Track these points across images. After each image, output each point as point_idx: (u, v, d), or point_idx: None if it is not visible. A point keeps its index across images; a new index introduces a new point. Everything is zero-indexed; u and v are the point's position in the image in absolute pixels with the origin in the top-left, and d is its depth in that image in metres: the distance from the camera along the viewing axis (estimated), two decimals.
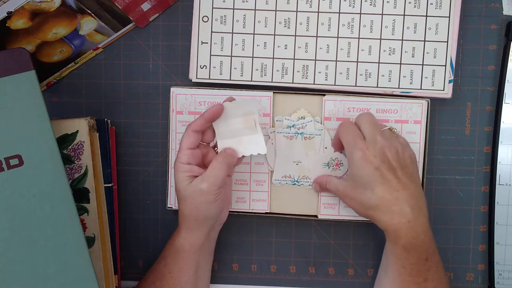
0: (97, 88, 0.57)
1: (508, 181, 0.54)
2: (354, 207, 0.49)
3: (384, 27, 0.53)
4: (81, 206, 0.50)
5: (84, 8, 0.53)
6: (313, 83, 0.54)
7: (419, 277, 0.47)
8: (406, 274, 0.47)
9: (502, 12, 0.54)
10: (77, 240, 0.43)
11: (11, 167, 0.43)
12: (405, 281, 0.48)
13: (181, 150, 0.48)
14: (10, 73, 0.45)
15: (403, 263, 0.47)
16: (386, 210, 0.46)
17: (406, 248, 0.47)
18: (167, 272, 0.50)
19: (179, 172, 0.47)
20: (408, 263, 0.47)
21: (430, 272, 0.48)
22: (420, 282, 0.47)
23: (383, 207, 0.46)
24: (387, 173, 0.46)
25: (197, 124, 0.48)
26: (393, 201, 0.46)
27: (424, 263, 0.47)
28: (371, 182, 0.46)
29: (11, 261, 0.42)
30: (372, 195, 0.46)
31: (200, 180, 0.47)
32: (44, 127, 0.44)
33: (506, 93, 0.54)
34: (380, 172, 0.46)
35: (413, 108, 0.53)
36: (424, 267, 0.47)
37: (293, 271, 0.57)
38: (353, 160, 0.47)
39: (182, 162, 0.47)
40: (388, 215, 0.46)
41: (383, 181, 0.46)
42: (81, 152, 0.50)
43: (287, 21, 0.54)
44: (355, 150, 0.47)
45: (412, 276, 0.47)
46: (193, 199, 0.47)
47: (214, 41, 0.54)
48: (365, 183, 0.47)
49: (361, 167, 0.46)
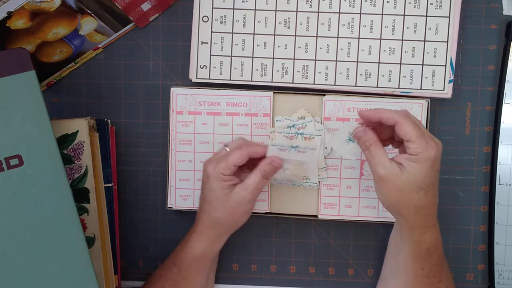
0: (97, 88, 0.57)
1: (508, 181, 0.54)
2: (391, 198, 0.45)
3: (384, 27, 0.53)
4: (81, 206, 0.50)
5: (84, 8, 0.53)
6: (313, 83, 0.54)
7: (436, 277, 0.48)
8: (423, 276, 0.47)
9: (502, 12, 0.54)
10: (77, 240, 0.43)
11: (11, 167, 0.43)
12: (420, 283, 0.47)
13: (226, 162, 0.46)
14: (10, 73, 0.45)
15: (423, 265, 0.47)
16: (426, 213, 0.46)
17: (429, 250, 0.47)
18: (181, 278, 0.50)
19: (219, 181, 0.47)
20: (429, 264, 0.47)
21: (444, 272, 0.48)
22: (436, 282, 0.47)
23: (425, 211, 0.45)
24: (437, 180, 0.46)
25: (257, 152, 0.47)
26: (435, 206, 0.46)
27: (442, 263, 0.48)
28: (428, 184, 0.44)
29: (11, 261, 0.42)
30: (424, 197, 0.45)
31: (244, 190, 0.47)
32: (44, 127, 0.44)
33: (506, 93, 0.54)
34: (437, 176, 0.45)
35: (413, 108, 0.53)
36: (441, 267, 0.48)
37: (293, 271, 0.57)
38: (423, 158, 0.43)
39: (224, 173, 0.47)
40: (425, 218, 0.46)
41: (435, 185, 0.45)
42: (81, 152, 0.50)
43: (287, 21, 0.54)
44: (430, 149, 0.43)
45: (429, 277, 0.47)
46: (233, 208, 0.47)
47: (214, 41, 0.54)
48: (423, 184, 0.44)
49: (430, 168, 0.44)
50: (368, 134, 0.46)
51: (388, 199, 0.46)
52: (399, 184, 0.44)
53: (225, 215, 0.48)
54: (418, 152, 0.43)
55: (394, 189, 0.44)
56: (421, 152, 0.43)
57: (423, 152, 0.43)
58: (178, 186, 0.55)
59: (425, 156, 0.43)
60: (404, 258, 0.48)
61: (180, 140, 0.54)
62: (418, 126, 0.44)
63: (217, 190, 0.47)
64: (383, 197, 0.46)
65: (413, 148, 0.43)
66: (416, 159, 0.43)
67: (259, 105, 0.53)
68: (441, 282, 0.48)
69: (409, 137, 0.43)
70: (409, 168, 0.44)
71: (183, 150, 0.54)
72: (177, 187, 0.55)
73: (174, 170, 0.54)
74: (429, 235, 0.46)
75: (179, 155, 0.54)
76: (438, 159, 0.44)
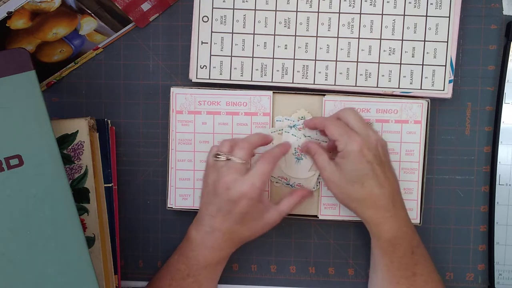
0: (97, 88, 0.57)
1: (508, 181, 0.54)
2: (339, 197, 0.49)
3: (384, 27, 0.53)
4: (81, 206, 0.50)
5: (84, 8, 0.53)
6: (313, 83, 0.54)
7: (408, 271, 0.48)
8: (394, 268, 0.48)
9: (502, 12, 0.54)
10: (77, 240, 0.43)
11: (11, 167, 0.43)
12: (394, 276, 0.48)
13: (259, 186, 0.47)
14: (10, 73, 0.45)
15: (390, 257, 0.48)
16: (372, 205, 0.47)
17: (391, 241, 0.47)
18: (197, 287, 0.50)
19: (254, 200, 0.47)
20: (395, 256, 0.48)
21: (418, 266, 0.48)
22: (409, 276, 0.48)
23: (369, 202, 0.47)
24: (377, 168, 0.47)
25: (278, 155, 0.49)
26: (380, 197, 0.47)
27: (410, 256, 0.48)
28: (362, 176, 0.46)
29: (11, 261, 0.42)
30: (361, 189, 0.47)
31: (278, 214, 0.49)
32: (44, 127, 0.44)
33: (506, 93, 0.54)
34: (371, 166, 0.46)
35: (413, 108, 0.53)
36: (411, 260, 0.48)
37: (293, 271, 0.57)
38: (347, 152, 0.47)
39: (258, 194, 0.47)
40: (373, 210, 0.47)
41: (373, 176, 0.46)
42: (81, 152, 0.50)
43: (287, 21, 0.54)
44: (351, 142, 0.47)
45: (401, 270, 0.48)
46: (265, 229, 0.50)
47: (214, 41, 0.54)
48: (355, 176, 0.47)
49: (355, 161, 0.46)
50: (310, 145, 0.51)
51: (336, 196, 0.49)
52: (336, 181, 0.48)
53: (254, 234, 0.50)
54: (342, 148, 0.47)
55: (335, 186, 0.48)
56: (344, 147, 0.47)
57: (345, 147, 0.47)
58: (178, 186, 0.55)
59: (348, 150, 0.47)
60: (374, 253, 0.50)
61: (179, 139, 0.54)
62: (341, 125, 0.48)
63: (253, 212, 0.48)
64: (334, 196, 0.49)
65: (338, 145, 0.48)
66: (343, 154, 0.47)
67: (259, 104, 0.53)
68: (416, 276, 0.48)
69: (333, 136, 0.48)
70: (341, 164, 0.47)
71: (183, 150, 0.54)
72: (177, 186, 0.55)
73: (174, 170, 0.54)
74: (387, 226, 0.47)
75: (179, 155, 0.54)
76: (364, 151, 0.46)
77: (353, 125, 0.48)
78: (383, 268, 0.49)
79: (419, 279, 0.48)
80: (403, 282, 0.48)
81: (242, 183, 0.46)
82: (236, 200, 0.46)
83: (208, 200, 0.49)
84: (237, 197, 0.46)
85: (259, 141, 0.49)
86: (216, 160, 0.48)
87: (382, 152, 0.48)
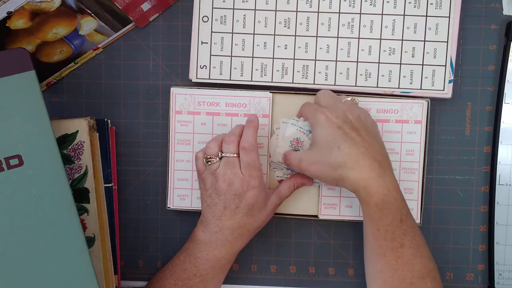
0: (97, 88, 0.57)
1: (508, 181, 0.54)
2: (322, 172, 0.47)
3: (384, 27, 0.53)
4: (81, 206, 0.50)
5: (84, 8, 0.53)
6: (313, 83, 0.54)
7: (395, 241, 0.45)
8: (381, 238, 0.46)
9: (502, 12, 0.54)
10: (77, 240, 0.43)
11: (11, 167, 0.43)
12: (381, 246, 0.46)
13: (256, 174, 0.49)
14: (10, 73, 0.45)
15: (377, 225, 0.46)
16: (355, 165, 0.45)
17: (379, 206, 0.45)
18: (203, 287, 0.50)
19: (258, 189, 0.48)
20: (382, 224, 0.45)
21: (406, 237, 0.46)
22: (397, 247, 0.45)
23: (351, 163, 0.45)
24: (351, 132, 0.46)
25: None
26: (361, 156, 0.45)
27: (399, 225, 0.46)
28: (336, 141, 0.46)
29: (11, 261, 0.42)
30: (338, 153, 0.46)
31: (278, 198, 0.51)
32: (44, 127, 0.44)
33: (506, 93, 0.54)
34: (343, 130, 0.46)
35: (414, 108, 0.53)
36: (399, 229, 0.46)
37: (293, 271, 0.57)
38: (316, 123, 0.47)
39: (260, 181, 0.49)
40: (357, 170, 0.45)
41: (347, 138, 0.46)
42: (81, 152, 0.50)
43: (287, 21, 0.54)
44: (317, 114, 0.47)
45: (387, 240, 0.46)
46: (269, 216, 0.51)
47: (214, 41, 0.54)
48: (329, 143, 0.46)
49: (325, 127, 0.47)
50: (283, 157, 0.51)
51: (320, 176, 0.48)
52: (315, 158, 0.48)
53: (261, 224, 0.51)
54: (310, 122, 0.49)
55: (316, 165, 0.47)
56: (310, 120, 0.49)
57: (311, 120, 0.48)
58: (176, 186, 0.55)
59: (313, 121, 0.48)
60: (364, 223, 0.48)
61: (178, 139, 0.54)
62: (312, 105, 0.50)
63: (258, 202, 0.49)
64: (319, 178, 0.49)
65: (310, 123, 0.49)
66: (312, 128, 0.48)
67: (258, 106, 0.53)
68: (404, 248, 0.45)
69: (306, 117, 0.50)
70: (313, 139, 0.48)
71: (181, 150, 0.54)
72: (175, 186, 0.55)
73: (172, 170, 0.55)
74: (375, 188, 0.45)
75: (178, 155, 0.54)
76: (331, 118, 0.47)
77: (322, 101, 0.49)
78: (370, 238, 0.47)
79: (407, 252, 0.45)
80: (389, 254, 0.46)
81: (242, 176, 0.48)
82: (242, 193, 0.48)
83: (211, 203, 0.49)
84: (243, 190, 0.48)
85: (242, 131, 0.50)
86: (209, 164, 0.49)
87: (356, 119, 0.47)
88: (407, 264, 0.45)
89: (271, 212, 0.51)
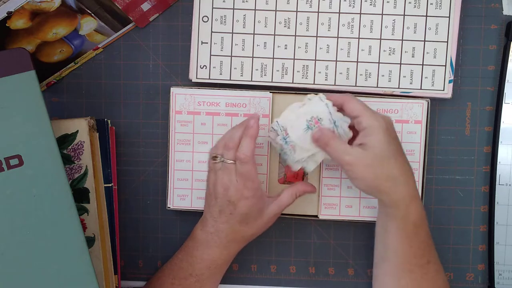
0: (97, 88, 0.57)
1: (508, 181, 0.54)
2: (369, 177, 0.45)
3: (384, 27, 0.53)
4: (81, 206, 0.50)
5: (84, 8, 0.53)
6: (313, 83, 0.54)
7: (424, 257, 0.47)
8: (412, 255, 0.47)
9: (502, 12, 0.54)
10: (77, 240, 0.43)
11: (11, 167, 0.43)
12: (410, 263, 0.47)
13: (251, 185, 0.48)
14: (10, 73, 0.45)
15: (411, 242, 0.46)
16: (404, 181, 0.46)
17: (416, 224, 0.46)
18: (199, 286, 0.50)
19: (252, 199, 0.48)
20: (417, 241, 0.46)
21: (431, 253, 0.48)
22: (424, 264, 0.47)
23: (403, 178, 0.45)
24: (400, 147, 0.47)
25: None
26: (410, 173, 0.46)
27: (429, 241, 0.47)
28: (395, 151, 0.45)
29: (11, 261, 0.42)
30: (395, 164, 0.45)
31: (278, 207, 0.50)
32: (44, 127, 0.44)
33: (506, 93, 0.54)
34: (398, 143, 0.46)
35: (414, 108, 0.53)
36: (428, 246, 0.47)
37: (293, 271, 0.57)
38: (375, 128, 0.45)
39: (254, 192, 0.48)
40: (407, 187, 0.46)
41: (402, 153, 0.46)
42: (81, 152, 0.50)
43: (287, 21, 0.54)
44: (379, 119, 0.45)
45: (418, 257, 0.47)
46: (267, 224, 0.50)
47: (214, 41, 0.54)
48: (388, 151, 0.45)
49: (386, 135, 0.45)
50: (324, 132, 0.46)
51: (365, 180, 0.46)
52: (368, 162, 0.45)
53: (257, 232, 0.50)
54: (369, 124, 0.45)
55: (366, 168, 0.45)
56: (372, 123, 0.45)
57: (373, 122, 0.45)
58: (176, 186, 0.55)
59: (377, 125, 0.45)
60: (392, 238, 0.47)
61: (178, 139, 0.54)
62: (362, 102, 0.47)
63: (253, 211, 0.48)
64: (359, 181, 0.46)
65: (364, 121, 0.45)
66: (371, 131, 0.45)
67: (258, 106, 0.53)
68: (430, 264, 0.47)
69: (358, 112, 0.46)
70: (369, 143, 0.45)
71: (181, 150, 0.54)
72: (175, 186, 0.55)
73: (172, 170, 0.55)
74: (413, 207, 0.46)
75: (178, 155, 0.54)
76: (390, 128, 0.46)
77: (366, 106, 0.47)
78: (399, 254, 0.47)
79: (432, 268, 0.47)
80: (417, 270, 0.47)
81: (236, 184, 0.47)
82: (235, 201, 0.47)
83: (210, 202, 0.49)
84: (236, 199, 0.47)
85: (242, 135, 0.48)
86: (214, 162, 0.49)
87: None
88: (431, 280, 0.47)
89: (269, 221, 0.50)
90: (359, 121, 0.46)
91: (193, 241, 0.51)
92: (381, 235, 0.50)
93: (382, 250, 0.50)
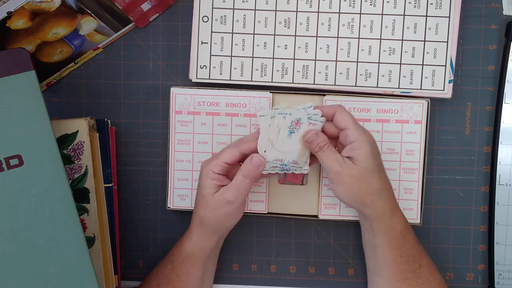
0: (97, 88, 0.57)
1: (508, 181, 0.54)
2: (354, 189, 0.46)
3: (384, 27, 0.53)
4: (81, 206, 0.50)
5: (84, 8, 0.53)
6: (313, 83, 0.54)
7: (415, 263, 0.48)
8: (403, 263, 0.48)
9: (502, 12, 0.54)
10: (77, 240, 0.43)
11: (11, 167, 0.43)
12: (402, 271, 0.48)
13: (217, 159, 0.47)
14: (10, 73, 0.45)
15: (401, 252, 0.48)
16: (387, 195, 0.47)
17: (403, 233, 0.48)
18: (175, 276, 0.50)
19: (208, 179, 0.47)
20: (405, 249, 0.48)
21: (423, 257, 0.49)
22: (416, 268, 0.48)
23: (386, 192, 0.47)
24: (381, 162, 0.48)
25: (249, 149, 0.47)
26: (389, 187, 0.48)
27: (417, 246, 0.49)
28: (378, 166, 0.47)
29: (11, 261, 0.42)
30: (379, 179, 0.46)
31: (226, 191, 0.47)
32: (44, 127, 0.44)
33: (506, 93, 0.54)
34: (380, 157, 0.48)
35: (414, 108, 0.53)
36: (418, 251, 0.49)
37: (293, 271, 0.57)
38: (365, 142, 0.45)
39: (214, 171, 0.47)
40: (389, 200, 0.48)
41: (382, 167, 0.48)
42: (81, 152, 0.50)
43: (287, 21, 0.54)
44: (366, 133, 0.46)
45: (409, 263, 0.48)
46: (215, 209, 0.47)
47: (214, 41, 0.54)
48: (374, 166, 0.46)
49: (374, 150, 0.46)
50: (320, 137, 0.46)
51: (349, 192, 0.46)
52: (355, 174, 0.46)
53: (208, 214, 0.48)
54: (356, 138, 0.46)
55: (352, 180, 0.46)
56: (360, 137, 0.46)
57: (361, 137, 0.46)
58: (176, 186, 0.55)
59: (364, 139, 0.46)
60: (381, 251, 0.48)
61: (178, 140, 0.54)
62: (353, 116, 0.47)
63: (205, 188, 0.48)
64: (344, 192, 0.47)
65: (351, 134, 0.46)
66: (358, 145, 0.45)
67: (258, 106, 0.53)
68: (422, 268, 0.48)
69: (347, 123, 0.46)
70: (356, 156, 0.46)
71: (181, 150, 0.54)
72: (175, 186, 0.55)
73: (172, 170, 0.55)
74: (397, 217, 0.48)
75: (178, 155, 0.54)
76: (374, 143, 0.47)
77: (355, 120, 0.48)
78: (391, 265, 0.48)
79: (424, 271, 0.49)
80: (411, 276, 0.48)
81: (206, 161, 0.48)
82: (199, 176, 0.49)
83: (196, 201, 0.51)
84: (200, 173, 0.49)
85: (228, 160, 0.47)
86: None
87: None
88: (425, 283, 0.49)
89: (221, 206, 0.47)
90: (347, 133, 0.46)
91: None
92: (370, 252, 0.51)
93: (373, 266, 0.51)
